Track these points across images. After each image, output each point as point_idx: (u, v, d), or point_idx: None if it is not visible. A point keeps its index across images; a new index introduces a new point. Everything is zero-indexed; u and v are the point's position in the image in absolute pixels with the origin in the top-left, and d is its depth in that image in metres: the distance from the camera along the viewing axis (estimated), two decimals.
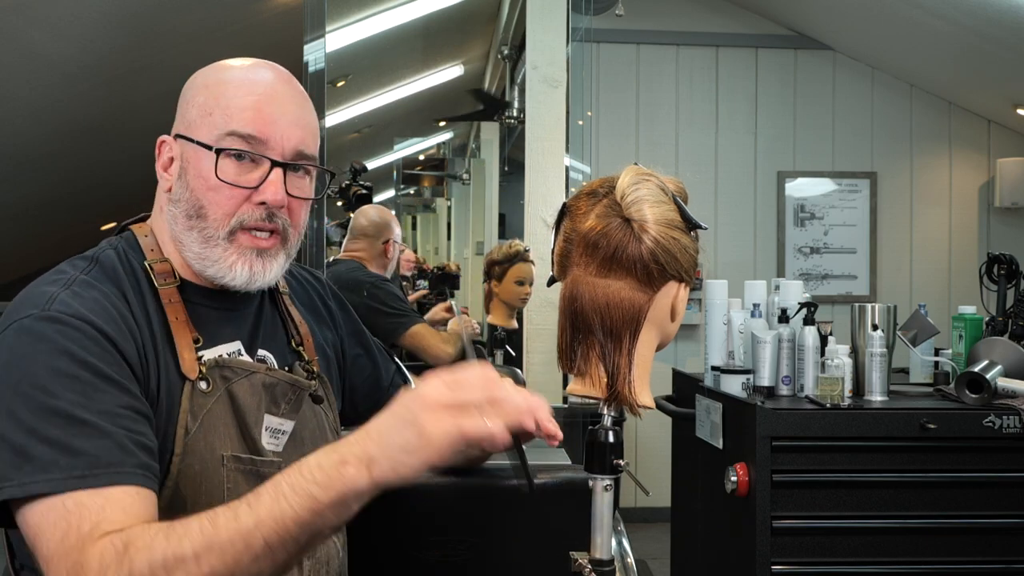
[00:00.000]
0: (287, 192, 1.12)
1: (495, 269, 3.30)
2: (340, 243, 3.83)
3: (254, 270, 1.11)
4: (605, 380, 1.07)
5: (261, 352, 1.19)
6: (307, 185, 1.16)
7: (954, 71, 5.04)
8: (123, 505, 0.92)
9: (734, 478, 2.23)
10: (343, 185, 3.36)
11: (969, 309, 2.71)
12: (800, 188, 5.24)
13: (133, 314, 1.06)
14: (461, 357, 3.17)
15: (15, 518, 0.95)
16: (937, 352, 2.75)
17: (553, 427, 0.97)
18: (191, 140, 1.11)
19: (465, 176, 5.56)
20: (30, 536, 0.93)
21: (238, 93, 1.11)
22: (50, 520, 0.91)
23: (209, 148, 1.09)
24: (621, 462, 1.08)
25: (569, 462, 1.74)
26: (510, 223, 4.77)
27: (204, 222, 1.09)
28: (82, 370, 0.96)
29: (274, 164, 1.10)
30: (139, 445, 0.97)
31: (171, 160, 1.14)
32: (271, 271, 1.12)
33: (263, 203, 1.10)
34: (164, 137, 1.15)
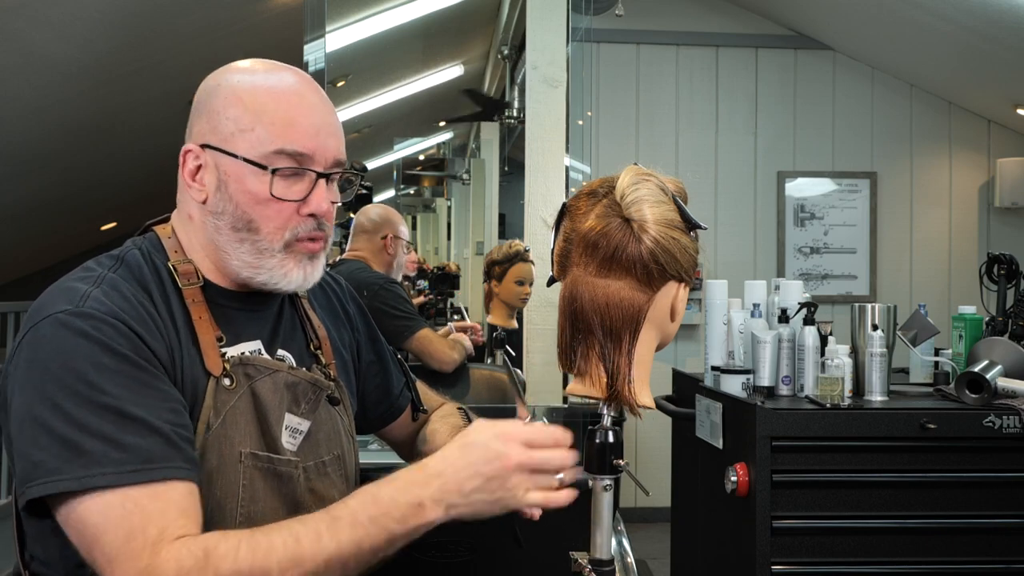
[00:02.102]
0: None
1: (495, 269, 3.30)
2: (339, 243, 3.82)
3: (307, 273, 1.16)
4: (605, 380, 1.07)
5: (281, 352, 1.20)
6: (336, 189, 1.19)
7: (954, 71, 5.04)
8: (182, 507, 0.96)
9: (734, 478, 2.23)
10: None
11: (969, 309, 2.70)
12: (800, 188, 5.24)
13: (159, 312, 1.08)
14: (463, 366, 3.15)
15: (55, 510, 0.97)
16: (937, 352, 2.75)
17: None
18: (230, 154, 1.11)
19: (465, 176, 5.56)
20: (86, 533, 0.95)
21: (279, 107, 1.11)
22: (112, 519, 0.94)
23: (261, 167, 1.10)
24: (621, 462, 1.08)
25: None
26: (510, 223, 4.76)
27: (256, 235, 1.12)
28: (124, 364, 0.99)
29: (318, 176, 1.13)
30: (183, 439, 1.01)
31: (198, 168, 1.14)
32: (318, 271, 1.18)
33: (311, 214, 1.13)
34: (190, 147, 1.14)
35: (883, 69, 5.26)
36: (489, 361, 3.39)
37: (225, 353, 1.11)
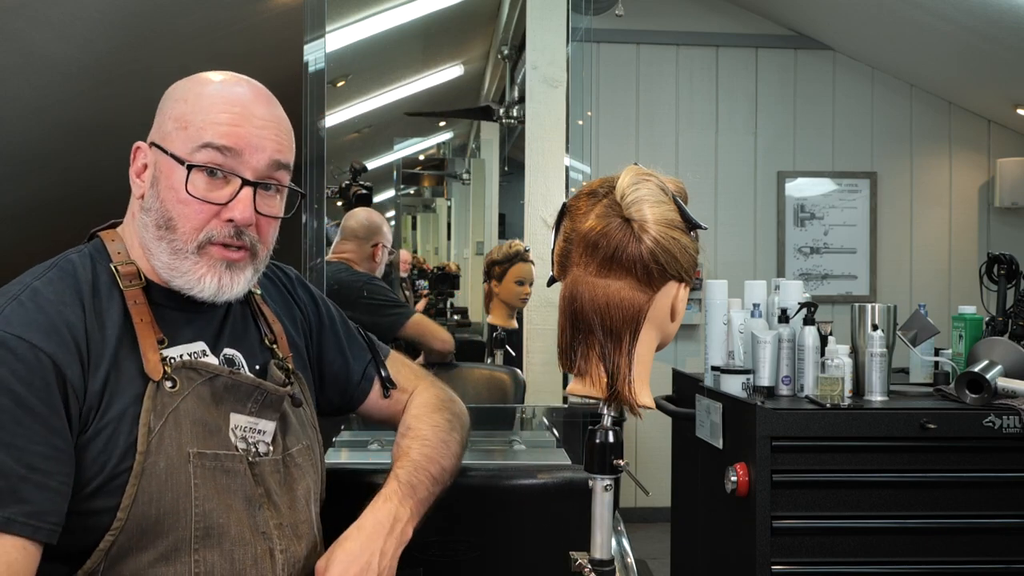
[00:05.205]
0: (256, 210, 1.13)
1: (495, 269, 3.30)
2: None
3: (222, 283, 1.13)
4: (605, 380, 1.07)
5: (229, 351, 1.19)
6: (276, 203, 1.18)
7: (954, 71, 5.04)
8: (8, 560, 0.93)
9: (734, 478, 2.23)
10: (343, 185, 3.36)
11: (969, 309, 2.70)
12: (800, 188, 5.24)
13: (85, 319, 1.06)
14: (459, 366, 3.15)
15: None
16: (937, 352, 2.75)
17: None
18: (164, 151, 1.12)
19: (465, 176, 5.56)
20: None
21: (214, 108, 1.12)
22: None
23: (182, 162, 1.10)
24: (621, 462, 1.08)
25: (569, 462, 1.74)
26: (510, 223, 4.76)
27: (173, 234, 1.11)
28: (3, 398, 0.97)
29: (244, 183, 1.12)
30: (40, 486, 0.97)
31: (144, 167, 1.16)
32: (239, 284, 1.14)
33: (231, 220, 1.12)
34: (140, 143, 1.17)
35: (883, 69, 5.26)
36: (489, 361, 3.39)
37: (166, 357, 1.10)
